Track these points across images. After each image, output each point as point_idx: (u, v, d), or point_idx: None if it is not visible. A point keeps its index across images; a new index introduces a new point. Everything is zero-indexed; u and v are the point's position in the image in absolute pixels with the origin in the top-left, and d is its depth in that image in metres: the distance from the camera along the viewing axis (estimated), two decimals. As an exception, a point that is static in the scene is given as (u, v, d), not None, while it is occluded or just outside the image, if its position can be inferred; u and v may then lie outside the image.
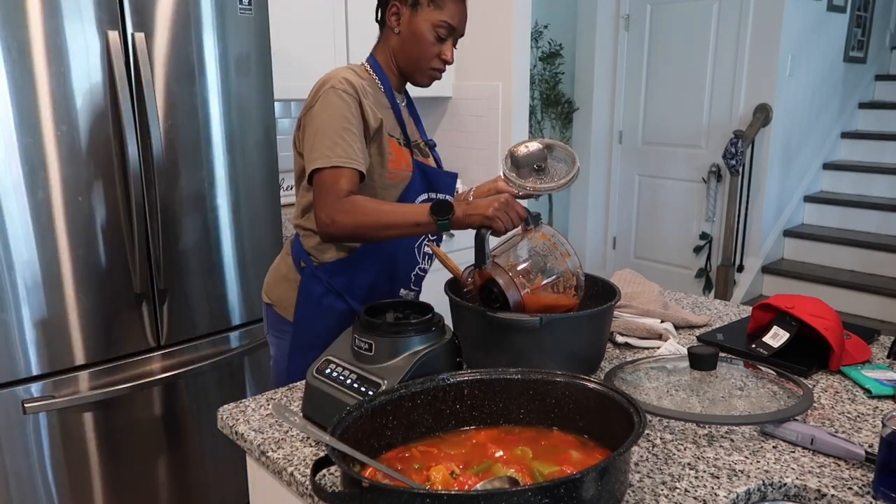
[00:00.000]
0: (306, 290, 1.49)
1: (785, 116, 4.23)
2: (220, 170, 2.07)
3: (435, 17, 1.43)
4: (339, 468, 0.78)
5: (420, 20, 1.43)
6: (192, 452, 2.16)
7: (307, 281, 1.49)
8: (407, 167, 1.48)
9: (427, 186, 1.52)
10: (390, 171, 1.45)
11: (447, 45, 1.47)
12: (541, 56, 4.81)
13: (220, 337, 2.16)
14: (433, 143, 1.64)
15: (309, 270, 1.49)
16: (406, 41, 1.46)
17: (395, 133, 1.48)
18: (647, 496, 0.90)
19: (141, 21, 1.85)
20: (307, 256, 1.50)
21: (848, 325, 1.39)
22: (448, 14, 1.43)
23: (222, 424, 1.16)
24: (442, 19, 1.43)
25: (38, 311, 1.79)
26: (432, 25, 1.43)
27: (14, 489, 1.83)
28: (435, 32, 1.44)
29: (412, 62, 1.48)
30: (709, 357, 1.13)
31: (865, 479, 0.94)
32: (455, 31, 1.46)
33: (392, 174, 1.45)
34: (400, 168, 1.46)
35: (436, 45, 1.45)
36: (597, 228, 5.14)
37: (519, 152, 1.40)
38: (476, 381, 0.99)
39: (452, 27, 1.45)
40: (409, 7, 1.44)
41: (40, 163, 1.75)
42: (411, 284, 1.58)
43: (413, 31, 1.45)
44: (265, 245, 2.22)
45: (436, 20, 1.43)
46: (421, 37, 1.44)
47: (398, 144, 1.48)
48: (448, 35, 1.45)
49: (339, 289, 1.48)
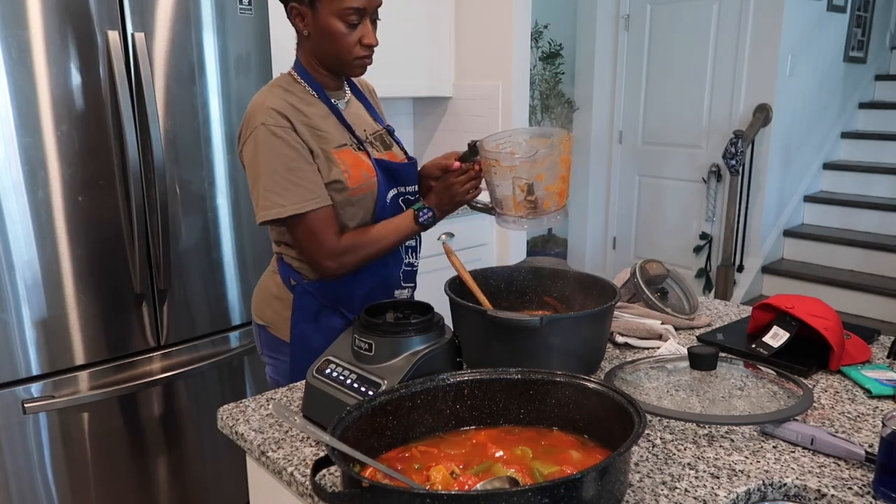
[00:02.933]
0: (300, 308, 1.43)
1: (785, 116, 4.23)
2: (220, 170, 2.07)
3: (336, 6, 1.30)
4: (339, 468, 0.78)
5: (323, 15, 1.32)
6: (192, 452, 2.16)
7: (300, 298, 1.43)
8: (369, 174, 1.40)
9: (393, 182, 1.45)
10: (352, 188, 1.37)
11: (364, 28, 1.34)
12: (541, 56, 4.81)
13: (220, 337, 2.16)
14: (391, 128, 1.56)
15: (301, 288, 1.43)
16: (318, 40, 1.35)
17: (345, 139, 1.40)
18: (647, 496, 0.90)
19: (141, 21, 1.85)
20: (297, 274, 1.44)
21: (848, 325, 1.39)
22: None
23: (222, 424, 1.16)
24: (345, 6, 1.30)
25: (38, 311, 1.79)
26: (338, 16, 1.31)
27: (14, 489, 1.83)
28: (344, 21, 1.32)
29: (334, 59, 1.37)
30: (709, 357, 1.13)
31: (865, 479, 0.94)
32: (365, 10, 1.33)
33: (355, 189, 1.38)
34: (361, 179, 1.39)
35: (351, 34, 1.33)
36: (597, 228, 5.14)
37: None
38: (476, 381, 0.99)
39: (360, 9, 1.32)
40: (307, 5, 1.33)
41: (40, 163, 1.75)
42: (402, 283, 1.54)
43: (321, 28, 1.33)
44: (265, 245, 2.21)
45: (339, 9, 1.31)
46: (331, 31, 1.33)
47: (353, 151, 1.40)
48: (360, 18, 1.33)
49: (334, 303, 1.44)
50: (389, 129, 1.55)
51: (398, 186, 1.46)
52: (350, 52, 1.35)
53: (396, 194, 1.46)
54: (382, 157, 1.46)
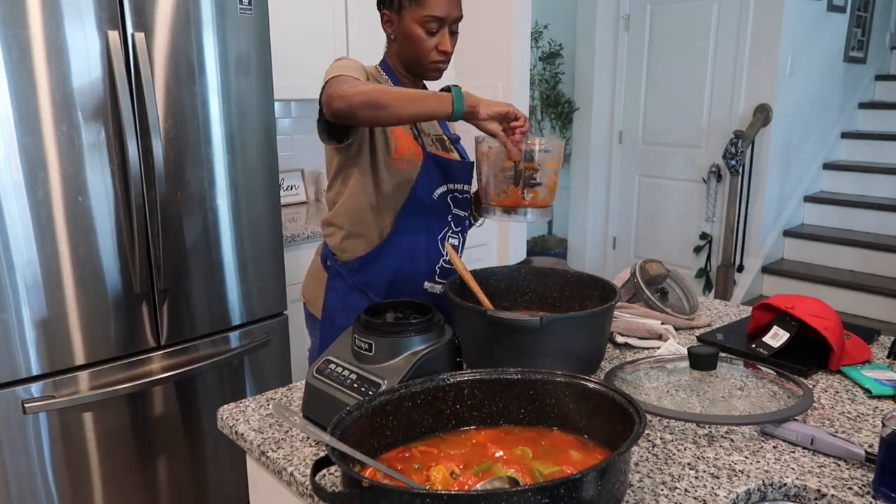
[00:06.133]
0: (332, 288, 1.56)
1: (785, 116, 4.23)
2: (220, 170, 2.07)
3: (418, 13, 1.45)
4: (339, 468, 0.78)
5: (407, 21, 1.46)
6: (192, 452, 2.16)
7: (333, 279, 1.56)
8: (414, 154, 1.50)
9: (444, 178, 1.54)
10: (394, 158, 1.48)
11: (442, 36, 1.48)
12: (541, 56, 4.81)
13: (220, 337, 2.16)
14: (456, 137, 1.67)
15: (334, 269, 1.56)
16: (402, 44, 1.50)
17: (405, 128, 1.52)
18: (647, 496, 0.90)
19: (141, 21, 1.85)
20: (332, 256, 1.57)
21: (848, 325, 1.39)
22: (430, 7, 1.44)
23: (222, 424, 1.16)
24: (426, 14, 1.44)
25: (38, 311, 1.79)
26: (419, 22, 1.45)
27: (14, 489, 1.83)
28: (424, 28, 1.46)
29: (413, 61, 1.51)
30: (709, 357, 1.13)
31: (865, 479, 0.94)
32: (444, 20, 1.46)
33: (396, 160, 1.48)
34: (405, 153, 1.49)
35: (429, 40, 1.47)
36: (597, 228, 5.14)
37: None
38: (476, 381, 0.99)
39: (440, 18, 1.45)
40: (395, 12, 1.48)
41: (40, 163, 1.75)
42: (437, 277, 1.58)
43: (404, 33, 1.48)
44: (265, 245, 2.22)
45: (420, 16, 1.45)
46: (412, 36, 1.47)
47: (404, 130, 1.51)
48: (439, 26, 1.46)
49: (361, 285, 1.53)
50: (454, 138, 1.66)
51: (448, 183, 1.55)
52: (427, 56, 1.49)
53: (446, 191, 1.55)
54: (437, 153, 1.55)
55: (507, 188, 1.38)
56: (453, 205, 1.58)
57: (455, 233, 1.59)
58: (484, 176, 1.42)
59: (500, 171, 1.38)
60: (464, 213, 1.62)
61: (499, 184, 1.39)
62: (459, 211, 1.60)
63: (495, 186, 1.40)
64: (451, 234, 1.58)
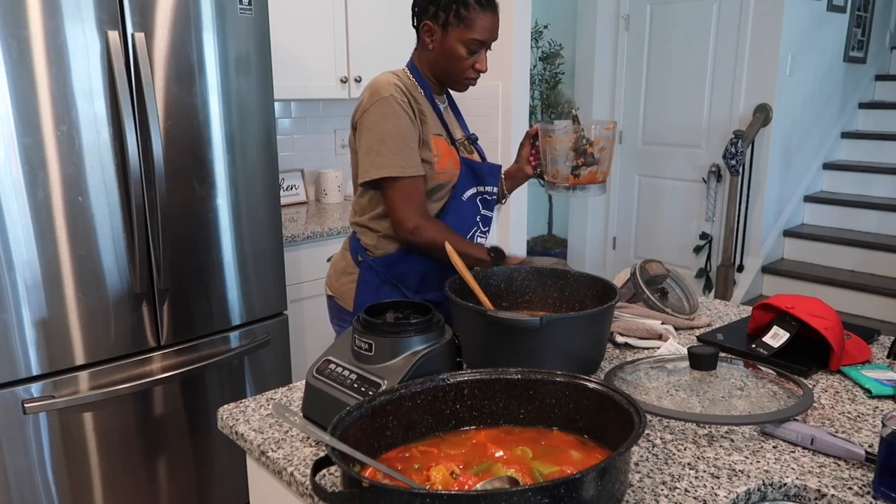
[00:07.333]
0: (365, 282, 1.62)
1: (785, 116, 4.23)
2: (220, 170, 2.07)
3: (466, 35, 1.50)
4: (339, 468, 0.78)
5: (451, 39, 1.51)
6: (192, 452, 2.16)
7: (365, 273, 1.62)
8: (454, 165, 1.58)
9: (475, 181, 1.62)
10: (438, 172, 1.54)
11: (479, 56, 1.55)
12: (541, 56, 4.81)
13: (220, 337, 2.16)
14: (475, 137, 1.73)
15: (366, 264, 1.61)
16: (440, 57, 1.55)
17: (441, 131, 1.58)
18: (647, 496, 0.90)
19: (141, 21, 1.85)
20: (364, 251, 1.62)
21: (848, 325, 1.39)
22: (478, 31, 1.50)
23: (222, 424, 1.16)
24: (471, 37, 1.50)
25: (38, 311, 1.79)
26: (463, 43, 1.51)
27: (14, 489, 1.83)
28: (466, 48, 1.51)
29: (447, 75, 1.57)
30: (709, 357, 1.13)
31: (865, 479, 0.94)
32: (486, 42, 1.53)
33: (440, 174, 1.55)
34: (447, 167, 1.56)
35: (468, 59, 1.53)
36: (597, 228, 5.14)
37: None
38: (476, 381, 0.99)
39: (483, 41, 1.52)
40: (440, 26, 1.52)
41: (40, 163, 1.75)
42: None
43: (445, 49, 1.53)
44: (265, 245, 2.22)
45: (466, 38, 1.50)
46: (453, 54, 1.52)
47: (446, 144, 1.58)
48: (479, 48, 1.53)
49: (393, 279, 1.60)
50: (473, 138, 1.72)
51: (478, 186, 1.64)
52: (463, 73, 1.56)
53: (475, 193, 1.64)
54: (469, 156, 1.65)
55: (571, 167, 1.53)
56: (482, 206, 1.67)
57: (483, 233, 1.68)
58: (549, 160, 1.56)
59: (566, 153, 1.52)
60: (490, 214, 1.71)
61: (563, 165, 1.53)
62: (487, 212, 1.69)
63: (562, 166, 1.54)
64: (479, 234, 1.67)
